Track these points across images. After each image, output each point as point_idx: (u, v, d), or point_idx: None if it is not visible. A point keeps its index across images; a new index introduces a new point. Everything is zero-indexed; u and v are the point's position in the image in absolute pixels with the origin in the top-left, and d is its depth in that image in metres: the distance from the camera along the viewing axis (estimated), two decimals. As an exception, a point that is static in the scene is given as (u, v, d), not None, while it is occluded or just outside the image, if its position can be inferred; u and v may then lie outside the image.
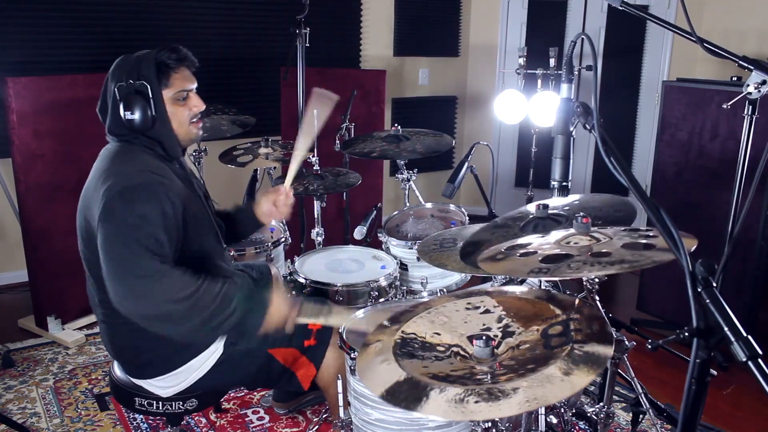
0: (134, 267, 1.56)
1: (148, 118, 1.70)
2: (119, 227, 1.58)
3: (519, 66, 3.47)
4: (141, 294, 1.57)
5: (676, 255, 1.01)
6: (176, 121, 1.77)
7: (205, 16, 4.04)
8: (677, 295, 3.21)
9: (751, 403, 2.73)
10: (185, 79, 1.77)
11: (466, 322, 1.38)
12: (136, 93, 1.69)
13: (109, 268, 1.59)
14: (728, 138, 2.95)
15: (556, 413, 1.91)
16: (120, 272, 1.58)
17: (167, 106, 1.74)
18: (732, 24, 4.25)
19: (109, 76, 1.76)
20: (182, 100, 1.77)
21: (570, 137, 1.61)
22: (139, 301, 1.57)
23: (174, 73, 1.75)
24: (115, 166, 1.69)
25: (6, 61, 3.48)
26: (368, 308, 1.98)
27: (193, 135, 1.83)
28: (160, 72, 1.72)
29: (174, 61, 1.74)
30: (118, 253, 1.58)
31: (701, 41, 1.68)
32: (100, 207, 1.61)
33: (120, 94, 1.70)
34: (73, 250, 3.16)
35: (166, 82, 1.73)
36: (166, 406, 1.86)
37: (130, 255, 1.56)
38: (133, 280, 1.56)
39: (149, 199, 1.61)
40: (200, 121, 1.84)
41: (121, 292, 1.58)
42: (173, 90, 1.75)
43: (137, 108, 1.69)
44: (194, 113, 1.80)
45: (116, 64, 1.76)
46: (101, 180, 1.66)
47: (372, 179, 3.99)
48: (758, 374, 0.86)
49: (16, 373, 2.87)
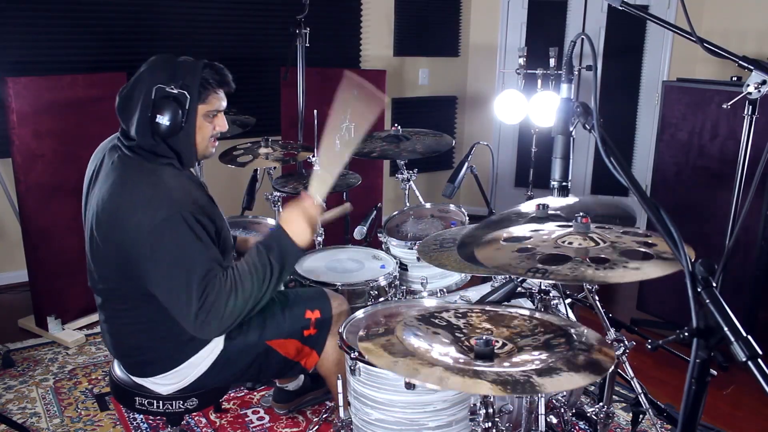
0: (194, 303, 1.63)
1: (176, 126, 1.72)
2: (169, 266, 1.63)
3: (519, 66, 3.47)
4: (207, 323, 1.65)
5: (676, 255, 1.01)
6: (201, 135, 1.81)
7: (205, 16, 4.04)
8: (677, 295, 3.21)
9: (751, 403, 2.73)
10: (220, 99, 1.82)
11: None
12: (174, 100, 1.70)
13: (169, 302, 1.68)
14: (728, 138, 2.95)
15: (556, 413, 1.91)
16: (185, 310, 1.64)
17: (197, 120, 1.78)
18: (732, 24, 4.25)
19: (144, 73, 1.74)
20: (211, 118, 1.82)
21: (570, 137, 1.61)
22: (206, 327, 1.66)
23: (213, 92, 1.79)
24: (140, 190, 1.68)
25: (6, 61, 3.48)
26: (368, 308, 1.98)
27: (209, 152, 1.89)
28: (202, 87, 1.76)
29: (216, 82, 1.79)
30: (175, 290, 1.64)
31: (701, 41, 1.68)
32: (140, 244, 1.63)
33: (157, 95, 1.70)
34: (73, 250, 3.18)
35: (204, 98, 1.77)
36: (167, 406, 1.87)
37: (187, 293, 1.63)
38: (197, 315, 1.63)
39: (187, 230, 1.64)
40: (216, 141, 1.89)
41: (190, 324, 1.66)
42: (207, 107, 1.79)
43: (169, 113, 1.70)
44: (217, 132, 1.86)
45: (156, 65, 1.75)
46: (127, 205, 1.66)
47: (372, 179, 3.99)
48: (758, 374, 0.86)
49: (16, 373, 2.87)
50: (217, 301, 1.63)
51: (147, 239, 1.62)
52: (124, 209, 1.66)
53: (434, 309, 1.53)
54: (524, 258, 1.34)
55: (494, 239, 1.49)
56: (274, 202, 2.96)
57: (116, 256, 1.69)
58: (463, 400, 1.67)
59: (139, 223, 1.63)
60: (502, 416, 1.70)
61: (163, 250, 1.62)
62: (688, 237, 1.01)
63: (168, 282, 1.65)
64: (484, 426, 1.53)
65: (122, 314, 1.80)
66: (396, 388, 1.64)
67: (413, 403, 1.65)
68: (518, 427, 1.82)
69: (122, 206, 1.66)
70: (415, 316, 1.47)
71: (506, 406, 1.72)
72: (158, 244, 1.62)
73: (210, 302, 1.63)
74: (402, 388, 1.60)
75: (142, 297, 1.73)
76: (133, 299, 1.76)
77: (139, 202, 1.65)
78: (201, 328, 1.65)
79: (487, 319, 1.48)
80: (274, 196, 2.94)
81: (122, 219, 1.65)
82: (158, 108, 1.69)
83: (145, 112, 1.70)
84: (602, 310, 2.26)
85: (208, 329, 1.66)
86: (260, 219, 2.91)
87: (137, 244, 1.63)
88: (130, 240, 1.64)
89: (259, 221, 2.90)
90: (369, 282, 2.27)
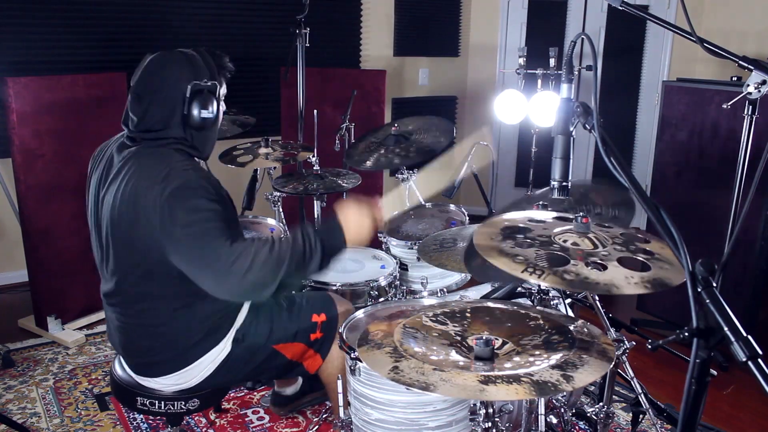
0: (218, 259, 1.59)
1: (213, 116, 1.76)
2: (191, 224, 1.61)
3: (519, 66, 3.46)
4: (233, 281, 1.59)
5: (676, 255, 1.02)
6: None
7: (205, 16, 4.04)
8: (677, 295, 3.20)
9: (751, 403, 2.73)
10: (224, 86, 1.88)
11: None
12: (209, 92, 1.75)
13: (195, 262, 1.62)
14: (728, 138, 2.95)
15: (556, 413, 1.91)
16: (208, 269, 1.61)
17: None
18: (732, 24, 4.25)
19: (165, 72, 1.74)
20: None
21: (570, 137, 1.61)
22: (234, 286, 1.60)
23: (223, 80, 1.85)
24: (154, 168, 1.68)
25: (6, 61, 3.48)
26: (368, 308, 1.98)
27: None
28: (222, 76, 1.83)
29: (228, 70, 1.86)
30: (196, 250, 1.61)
31: (701, 41, 1.68)
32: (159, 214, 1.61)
33: (192, 90, 1.73)
34: (73, 250, 3.17)
35: (221, 86, 1.83)
36: (168, 406, 1.86)
37: (211, 251, 1.59)
38: (221, 271, 1.59)
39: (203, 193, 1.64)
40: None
41: (214, 279, 1.61)
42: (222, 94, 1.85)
43: (212, 106, 1.75)
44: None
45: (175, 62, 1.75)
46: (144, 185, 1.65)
47: (372, 179, 3.99)
48: (758, 374, 0.86)
49: (16, 373, 2.87)
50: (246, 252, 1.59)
51: (165, 205, 1.60)
52: (143, 189, 1.65)
53: (428, 309, 1.53)
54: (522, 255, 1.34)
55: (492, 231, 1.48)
56: (274, 202, 2.96)
57: (139, 245, 1.67)
58: (463, 401, 1.67)
59: (156, 194, 1.62)
60: (502, 416, 1.70)
61: (183, 210, 1.61)
62: (688, 237, 1.01)
63: (192, 239, 1.60)
64: (484, 426, 1.53)
65: (138, 315, 1.79)
66: (396, 388, 1.64)
67: (413, 403, 1.65)
68: (518, 427, 1.82)
69: (140, 187, 1.66)
70: (411, 320, 1.47)
71: (506, 406, 1.72)
72: (175, 208, 1.61)
73: (238, 251, 1.59)
74: (402, 388, 1.60)
75: (164, 297, 1.73)
76: (156, 300, 1.75)
77: (155, 178, 1.65)
78: (227, 279, 1.60)
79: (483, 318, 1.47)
80: (274, 196, 2.94)
81: (141, 198, 1.64)
82: (197, 103, 1.73)
83: (179, 109, 1.73)
84: (602, 310, 2.26)
85: (235, 281, 1.59)
86: (260, 219, 2.91)
87: (156, 213, 1.61)
88: (150, 213, 1.62)
89: (259, 221, 2.90)
90: (369, 282, 2.27)
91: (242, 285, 1.60)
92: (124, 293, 1.78)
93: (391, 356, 1.28)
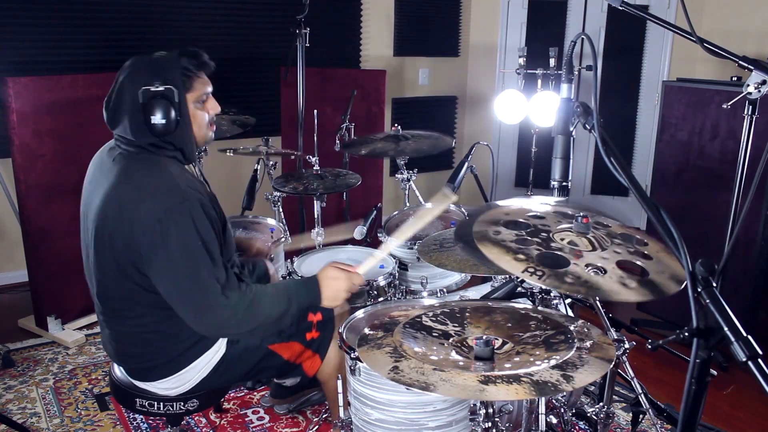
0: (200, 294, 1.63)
1: (172, 122, 1.69)
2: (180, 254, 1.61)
3: (519, 66, 3.47)
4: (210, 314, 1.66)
5: (676, 255, 1.02)
6: (197, 124, 1.79)
7: (205, 16, 4.04)
8: (677, 295, 3.20)
9: (751, 403, 2.73)
10: (205, 83, 1.80)
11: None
12: (162, 97, 1.68)
13: (177, 292, 1.65)
14: (728, 138, 2.95)
15: (556, 413, 1.91)
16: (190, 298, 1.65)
17: (190, 110, 1.76)
18: (732, 24, 4.25)
19: (124, 80, 1.71)
20: (201, 103, 1.79)
21: (570, 137, 1.61)
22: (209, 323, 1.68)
23: (196, 78, 1.77)
24: (146, 180, 1.67)
25: (6, 61, 3.48)
26: (368, 308, 1.98)
27: (209, 137, 1.86)
28: (184, 76, 1.74)
29: (195, 66, 1.77)
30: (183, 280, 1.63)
31: (701, 41, 1.68)
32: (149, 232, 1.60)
33: (144, 97, 1.67)
34: (73, 250, 3.16)
35: (189, 87, 1.75)
36: (167, 407, 1.86)
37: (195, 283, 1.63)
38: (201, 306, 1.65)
39: (199, 219, 1.63)
40: (214, 124, 1.87)
41: (192, 313, 1.67)
42: (195, 94, 1.77)
43: (163, 112, 1.68)
44: (212, 116, 1.84)
45: (134, 67, 1.72)
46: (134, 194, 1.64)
47: (372, 179, 3.99)
48: (758, 374, 0.86)
49: (16, 373, 2.87)
50: (225, 297, 1.63)
51: (156, 226, 1.59)
52: (132, 198, 1.63)
53: (425, 310, 1.53)
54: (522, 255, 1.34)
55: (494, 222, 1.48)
56: (274, 202, 2.96)
57: (123, 253, 1.65)
58: (463, 401, 1.67)
59: (147, 211, 1.60)
60: (502, 416, 1.70)
61: (174, 236, 1.60)
62: (688, 237, 1.01)
63: (177, 270, 1.62)
64: (484, 426, 1.53)
65: (126, 321, 1.77)
66: (396, 388, 1.64)
67: (413, 403, 1.65)
68: (518, 427, 1.82)
69: (129, 195, 1.64)
70: (408, 321, 1.47)
71: (506, 406, 1.72)
72: (168, 231, 1.60)
73: (216, 293, 1.62)
74: (402, 388, 1.60)
75: (147, 304, 1.71)
76: (138, 306, 1.74)
77: (146, 190, 1.64)
78: (202, 319, 1.66)
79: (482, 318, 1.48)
80: (274, 196, 2.94)
81: (130, 208, 1.62)
82: (150, 109, 1.67)
83: (137, 116, 1.68)
84: (602, 310, 2.26)
85: (209, 322, 1.66)
86: (260, 219, 2.91)
87: (146, 232, 1.60)
88: (138, 229, 1.61)
89: (259, 221, 2.90)
90: (369, 282, 2.27)
91: (217, 331, 1.73)
92: (107, 299, 1.77)
93: (391, 356, 1.28)
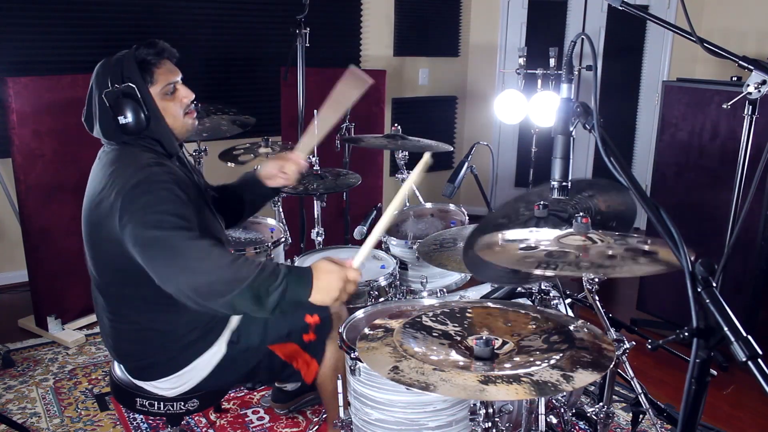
0: (170, 246, 1.53)
1: (141, 119, 1.67)
2: (145, 218, 1.55)
3: (519, 66, 3.47)
4: (184, 268, 1.52)
5: (676, 255, 1.01)
6: (170, 116, 1.75)
7: (205, 16, 4.04)
8: (677, 295, 3.20)
9: (751, 403, 2.73)
10: (169, 72, 1.75)
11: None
12: (124, 96, 1.66)
13: (149, 258, 1.55)
14: (728, 138, 2.95)
15: (556, 413, 1.91)
16: (160, 256, 1.54)
17: (157, 103, 1.72)
18: (732, 24, 4.25)
19: (93, 84, 1.72)
20: (170, 94, 1.75)
21: (570, 137, 1.60)
22: (184, 276, 1.52)
23: (156, 69, 1.72)
24: (120, 168, 1.66)
25: (6, 61, 3.48)
26: (368, 308, 1.98)
27: (189, 126, 1.81)
28: (143, 70, 1.70)
29: (153, 56, 1.72)
30: (152, 239, 1.54)
31: (701, 41, 1.68)
32: (119, 208, 1.57)
33: (109, 100, 1.66)
34: (73, 250, 3.16)
35: (150, 79, 1.71)
36: (168, 407, 1.86)
37: (162, 236, 1.53)
38: (174, 258, 1.53)
39: (163, 187, 1.59)
40: (193, 111, 1.82)
41: (165, 273, 1.54)
42: (160, 85, 1.72)
43: (129, 111, 1.66)
44: (185, 104, 1.78)
45: (97, 71, 1.73)
46: (110, 185, 1.63)
47: (372, 179, 3.99)
48: (758, 374, 0.86)
49: (16, 373, 2.87)
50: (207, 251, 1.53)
51: (125, 200, 1.57)
52: (108, 186, 1.63)
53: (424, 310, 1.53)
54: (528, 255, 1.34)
55: (492, 242, 1.48)
56: (274, 202, 2.96)
57: (106, 245, 1.65)
58: (463, 400, 1.67)
59: (119, 189, 1.59)
60: (502, 416, 1.70)
61: (139, 203, 1.56)
62: (688, 237, 1.01)
63: (146, 231, 1.54)
64: (484, 426, 1.53)
65: (124, 318, 1.78)
66: (396, 388, 1.64)
67: (413, 403, 1.65)
68: (518, 427, 1.82)
69: (107, 185, 1.64)
70: (408, 321, 1.47)
71: (506, 406, 1.72)
72: (134, 201, 1.56)
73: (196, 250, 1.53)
74: (402, 388, 1.60)
75: (143, 302, 1.71)
76: (136, 304, 1.74)
77: (120, 174, 1.63)
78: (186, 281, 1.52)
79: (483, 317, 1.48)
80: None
81: (107, 195, 1.62)
82: (117, 111, 1.66)
83: (108, 121, 1.68)
84: (602, 310, 2.26)
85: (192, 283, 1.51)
86: (260, 219, 2.91)
87: (117, 209, 1.57)
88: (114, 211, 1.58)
89: (259, 221, 2.90)
90: (369, 282, 2.27)
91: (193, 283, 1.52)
92: (105, 295, 1.77)
93: (391, 356, 1.28)
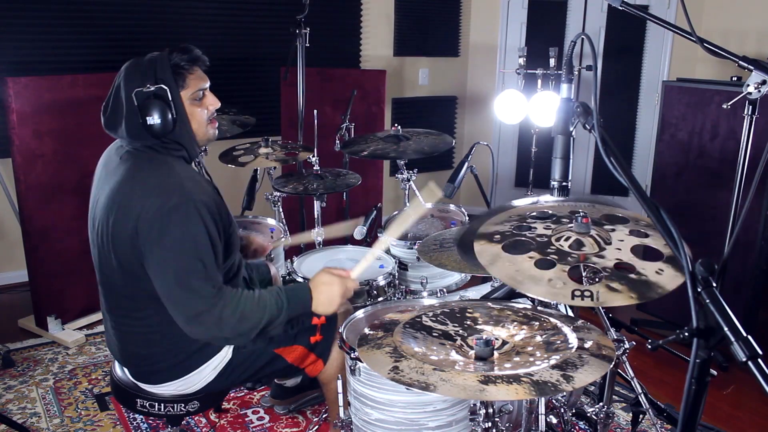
0: (188, 297, 1.62)
1: (169, 121, 1.68)
2: (174, 254, 1.60)
3: (519, 66, 3.46)
4: (199, 321, 1.63)
5: (676, 255, 1.01)
6: (195, 122, 1.77)
7: (205, 16, 4.04)
8: (677, 295, 3.20)
9: (751, 403, 2.73)
10: (200, 78, 1.77)
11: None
12: (155, 97, 1.67)
13: (168, 294, 1.64)
14: (728, 138, 2.95)
15: (556, 413, 1.91)
16: (180, 301, 1.63)
17: (186, 108, 1.74)
18: (732, 24, 4.25)
19: (121, 83, 1.71)
20: (199, 100, 1.77)
21: (570, 137, 1.61)
22: (198, 327, 1.64)
23: (189, 74, 1.74)
24: (151, 178, 1.66)
25: (6, 61, 3.48)
26: (368, 308, 1.98)
27: (210, 135, 1.83)
28: (176, 74, 1.71)
29: (188, 62, 1.74)
30: (173, 281, 1.62)
31: (701, 41, 1.68)
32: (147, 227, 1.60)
33: (138, 99, 1.67)
34: (73, 250, 3.17)
35: (182, 84, 1.73)
36: (168, 408, 1.86)
37: (185, 286, 1.61)
38: (192, 308, 1.62)
39: (196, 220, 1.62)
40: (215, 120, 1.84)
41: (182, 318, 1.64)
42: (190, 91, 1.74)
43: (158, 112, 1.66)
44: (211, 112, 1.81)
45: (128, 70, 1.72)
46: (138, 194, 1.63)
47: (372, 179, 3.99)
48: (758, 374, 0.86)
49: (16, 373, 2.87)
50: (215, 303, 1.62)
51: (156, 223, 1.59)
52: (137, 194, 1.63)
53: (424, 310, 1.53)
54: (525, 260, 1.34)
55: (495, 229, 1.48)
56: (274, 202, 2.96)
57: (127, 250, 1.65)
58: (463, 400, 1.67)
59: (150, 206, 1.60)
60: (502, 416, 1.70)
61: (172, 235, 1.59)
62: (688, 237, 1.01)
63: (168, 270, 1.61)
64: (484, 426, 1.53)
65: (132, 322, 1.77)
66: (396, 388, 1.64)
67: (413, 403, 1.65)
68: (518, 427, 1.82)
69: (135, 191, 1.64)
70: (408, 321, 1.47)
71: (506, 406, 1.72)
72: (167, 228, 1.59)
73: (204, 298, 1.61)
74: (402, 388, 1.60)
75: (152, 304, 1.71)
76: (144, 307, 1.73)
77: (151, 187, 1.63)
78: (190, 322, 1.63)
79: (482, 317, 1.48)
80: (274, 196, 2.94)
81: (135, 204, 1.62)
82: (145, 111, 1.66)
83: (135, 119, 1.68)
84: (602, 310, 2.26)
85: (196, 325, 1.63)
86: (260, 219, 2.91)
87: (147, 227, 1.60)
88: (140, 225, 1.61)
89: (259, 221, 2.90)
90: (368, 282, 2.27)
91: (204, 335, 1.67)
92: (114, 297, 1.77)
93: (391, 356, 1.28)
